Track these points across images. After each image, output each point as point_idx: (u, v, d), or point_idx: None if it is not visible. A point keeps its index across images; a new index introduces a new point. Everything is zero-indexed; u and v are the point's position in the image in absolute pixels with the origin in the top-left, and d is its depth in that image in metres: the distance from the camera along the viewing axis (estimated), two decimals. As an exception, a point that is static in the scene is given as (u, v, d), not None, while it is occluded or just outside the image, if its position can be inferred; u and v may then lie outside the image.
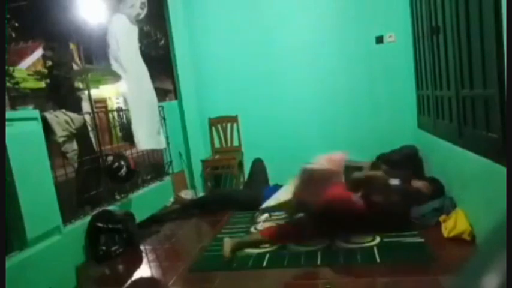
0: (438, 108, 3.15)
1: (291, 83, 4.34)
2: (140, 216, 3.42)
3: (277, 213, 3.42)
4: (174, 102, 4.62)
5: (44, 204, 2.30)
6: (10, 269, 1.92)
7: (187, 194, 4.42)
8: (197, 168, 4.50)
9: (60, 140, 2.92)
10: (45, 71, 11.11)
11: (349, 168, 2.95)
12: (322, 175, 2.33)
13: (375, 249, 2.45)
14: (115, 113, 4.60)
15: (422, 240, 2.48)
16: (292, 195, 2.52)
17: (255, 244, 2.60)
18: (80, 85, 10.35)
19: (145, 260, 2.85)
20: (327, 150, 4.20)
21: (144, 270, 2.69)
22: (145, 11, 3.98)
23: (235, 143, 4.53)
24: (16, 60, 11.27)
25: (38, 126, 2.37)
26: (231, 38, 4.43)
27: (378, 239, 2.57)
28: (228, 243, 2.45)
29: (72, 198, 3.26)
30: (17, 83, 9.98)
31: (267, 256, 2.52)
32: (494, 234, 0.33)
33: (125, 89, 3.65)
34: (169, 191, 4.38)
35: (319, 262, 2.38)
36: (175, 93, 4.69)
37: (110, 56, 3.62)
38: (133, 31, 3.97)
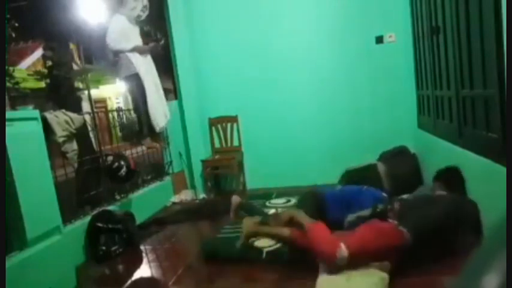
0: (438, 108, 3.15)
1: (291, 83, 4.34)
2: (140, 216, 3.42)
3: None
4: (174, 102, 4.63)
5: (44, 204, 2.30)
6: (10, 269, 1.92)
7: (187, 195, 4.42)
8: (197, 168, 4.50)
9: (60, 140, 2.92)
10: (45, 71, 11.04)
11: None
12: None
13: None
14: (115, 113, 4.61)
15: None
16: None
17: (274, 237, 2.51)
18: (80, 85, 10.33)
19: (145, 260, 2.85)
20: (327, 150, 4.26)
21: (144, 270, 2.69)
22: (146, 14, 4.00)
23: (235, 143, 4.53)
24: (16, 60, 11.25)
25: (38, 126, 2.37)
26: (231, 38, 4.43)
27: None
28: (247, 225, 2.52)
29: (72, 198, 3.25)
30: (17, 83, 9.96)
31: (264, 252, 2.48)
32: (494, 234, 0.33)
33: (124, 89, 3.81)
34: (170, 191, 4.38)
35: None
36: (175, 93, 4.69)
37: (112, 53, 3.72)
38: (133, 30, 3.98)
